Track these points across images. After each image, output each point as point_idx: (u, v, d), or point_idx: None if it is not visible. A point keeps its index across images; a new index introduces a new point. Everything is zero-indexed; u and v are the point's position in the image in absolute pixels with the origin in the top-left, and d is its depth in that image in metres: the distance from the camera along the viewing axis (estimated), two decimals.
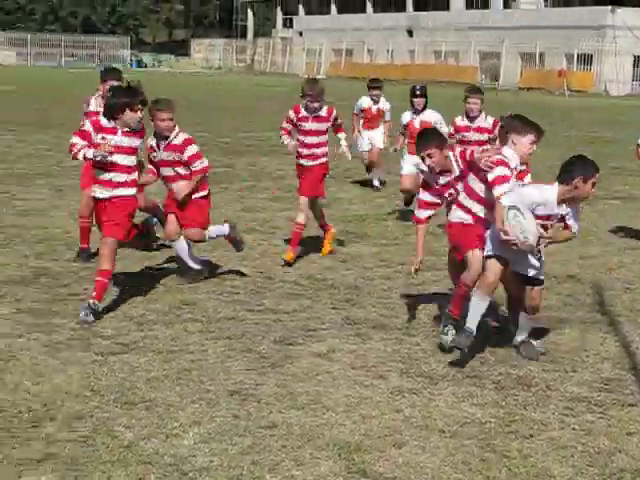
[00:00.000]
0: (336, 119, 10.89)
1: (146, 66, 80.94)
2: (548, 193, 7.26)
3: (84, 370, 7.00)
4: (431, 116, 13.20)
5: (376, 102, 16.30)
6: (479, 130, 12.16)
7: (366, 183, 16.82)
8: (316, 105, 10.65)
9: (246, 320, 8.42)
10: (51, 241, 11.19)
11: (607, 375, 7.26)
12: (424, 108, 13.30)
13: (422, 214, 8.14)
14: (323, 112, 10.72)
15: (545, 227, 7.30)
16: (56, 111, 28.13)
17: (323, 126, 10.76)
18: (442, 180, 8.01)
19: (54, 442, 5.76)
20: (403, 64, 70.40)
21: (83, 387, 6.66)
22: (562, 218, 7.38)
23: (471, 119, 12.21)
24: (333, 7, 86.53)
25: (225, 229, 9.93)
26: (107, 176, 8.55)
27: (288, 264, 10.48)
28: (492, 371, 7.33)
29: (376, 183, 16.57)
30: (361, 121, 16.51)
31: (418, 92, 13.24)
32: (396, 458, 5.70)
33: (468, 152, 7.88)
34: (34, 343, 7.57)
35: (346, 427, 6.13)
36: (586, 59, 59.81)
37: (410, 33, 74.12)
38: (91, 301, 8.29)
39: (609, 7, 59.33)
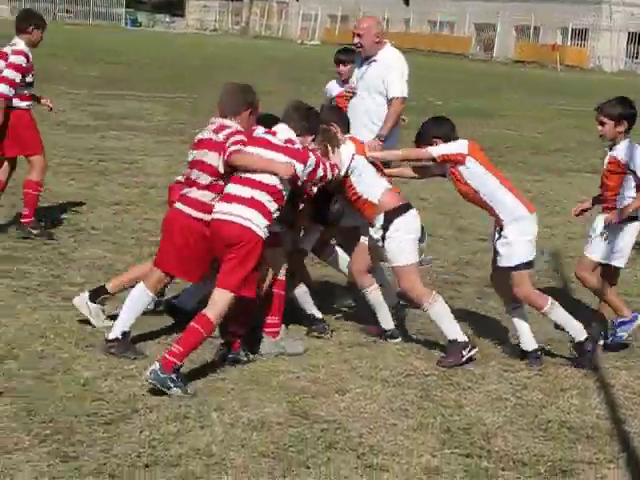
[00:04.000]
0: None
1: (141, 25, 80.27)
2: None
3: (50, 314, 7.28)
4: None
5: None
6: None
7: None
8: None
9: None
10: None
11: (551, 336, 7.57)
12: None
13: None
14: None
15: None
16: (53, 66, 27.89)
17: None
18: None
19: (14, 377, 6.06)
20: (398, 32, 70.38)
21: (47, 329, 6.94)
22: None
23: None
24: None
25: None
26: None
27: None
28: None
29: None
30: None
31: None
32: (338, 403, 6.02)
33: None
34: (3, 288, 7.85)
35: (294, 374, 6.44)
36: (581, 34, 59.89)
37: (406, 2, 73.98)
38: None
39: None
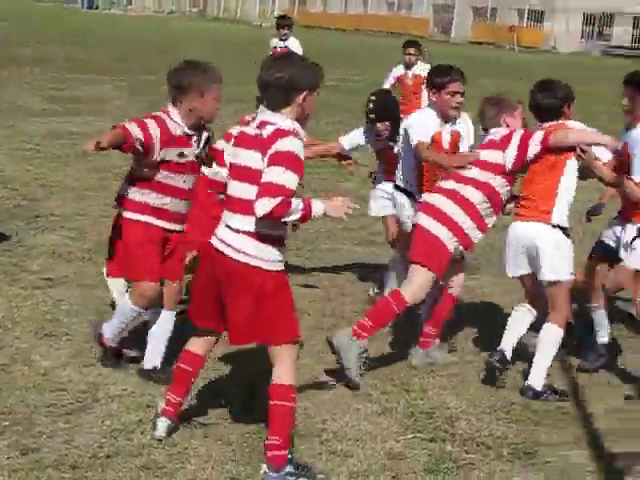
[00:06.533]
0: None
1: (97, 7, 79.21)
2: None
3: (8, 303, 7.19)
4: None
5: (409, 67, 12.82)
6: None
7: None
8: None
9: None
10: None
11: None
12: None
13: None
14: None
15: None
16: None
17: None
18: None
19: None
20: (356, 14, 70.31)
21: (5, 319, 6.86)
22: None
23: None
24: None
25: None
26: None
27: None
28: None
29: None
30: None
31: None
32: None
33: None
34: None
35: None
36: (537, 16, 60.16)
37: None
38: None
39: None
